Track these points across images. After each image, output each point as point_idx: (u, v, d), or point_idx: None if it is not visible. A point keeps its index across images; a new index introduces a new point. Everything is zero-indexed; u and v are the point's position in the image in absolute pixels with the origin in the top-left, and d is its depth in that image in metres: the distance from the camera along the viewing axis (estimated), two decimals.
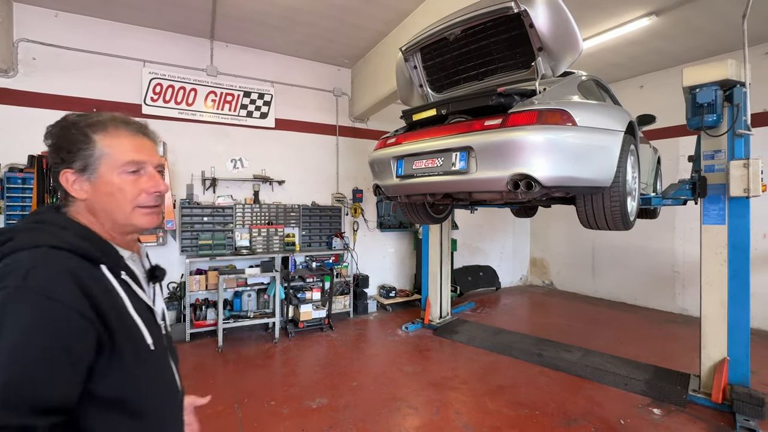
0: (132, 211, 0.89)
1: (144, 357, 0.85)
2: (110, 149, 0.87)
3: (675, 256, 6.33)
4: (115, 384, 0.79)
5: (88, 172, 0.86)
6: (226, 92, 5.59)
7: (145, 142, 0.94)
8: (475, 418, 3.15)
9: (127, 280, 0.87)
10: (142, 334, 0.86)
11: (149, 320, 0.90)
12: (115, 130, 0.89)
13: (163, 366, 0.95)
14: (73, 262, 0.77)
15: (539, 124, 2.30)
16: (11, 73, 4.46)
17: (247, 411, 3.23)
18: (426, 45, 3.15)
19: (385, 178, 3.13)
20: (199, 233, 5.22)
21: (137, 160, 0.90)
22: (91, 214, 0.88)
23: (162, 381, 0.93)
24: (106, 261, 0.83)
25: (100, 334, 0.75)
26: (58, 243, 0.77)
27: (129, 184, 0.89)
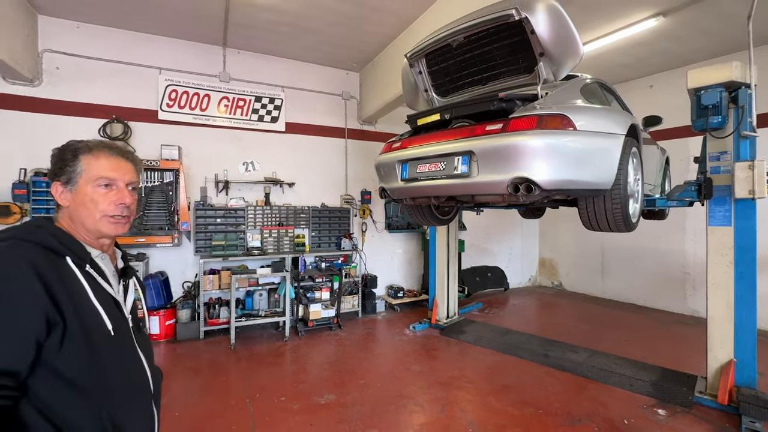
0: (99, 219, 1.06)
1: (102, 340, 0.97)
2: (88, 167, 1.05)
3: (685, 257, 6.27)
4: (69, 362, 0.90)
5: (70, 185, 1.05)
6: (239, 97, 5.75)
7: (122, 164, 1.11)
8: (480, 416, 3.22)
9: (91, 272, 1.02)
10: (102, 319, 0.99)
11: (112, 309, 1.03)
12: (98, 152, 1.07)
13: (124, 350, 1.06)
14: (36, 253, 0.92)
15: (539, 128, 2.36)
16: (36, 83, 4.69)
17: (259, 406, 3.35)
18: (430, 51, 3.23)
19: (391, 181, 3.22)
20: (213, 234, 5.40)
21: (108, 176, 1.07)
22: (71, 219, 1.06)
23: (123, 363, 1.04)
24: (71, 255, 0.98)
25: (50, 314, 0.87)
26: (28, 237, 0.94)
27: (100, 195, 1.06)
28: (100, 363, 0.96)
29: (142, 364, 1.11)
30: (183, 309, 5.13)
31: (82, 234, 1.06)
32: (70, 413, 0.90)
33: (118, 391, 1.00)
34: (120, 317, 1.07)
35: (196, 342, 4.93)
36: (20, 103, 4.62)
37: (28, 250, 0.92)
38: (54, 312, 0.88)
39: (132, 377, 1.08)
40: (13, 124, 4.58)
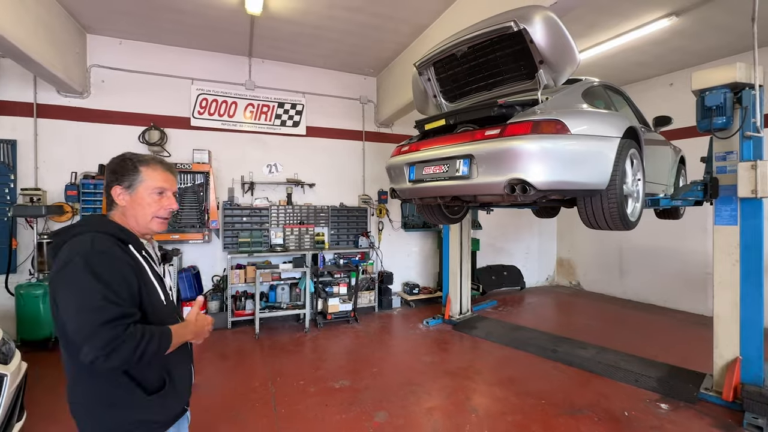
0: (151, 219, 1.35)
1: (159, 305, 1.29)
2: (147, 177, 1.34)
3: (707, 257, 6.14)
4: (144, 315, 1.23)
5: (130, 189, 1.32)
6: (263, 104, 6.14)
7: (170, 176, 1.40)
8: (483, 403, 3.41)
9: (146, 255, 1.33)
10: (158, 292, 1.31)
11: (162, 284, 1.35)
12: (153, 165, 1.36)
13: (171, 315, 1.36)
14: (113, 240, 1.22)
15: (534, 133, 2.54)
16: (85, 95, 5.22)
17: (280, 388, 3.67)
18: (437, 60, 3.44)
19: (400, 182, 3.46)
20: (239, 232, 5.81)
21: (163, 186, 1.36)
22: (124, 216, 1.33)
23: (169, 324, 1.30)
24: (132, 243, 1.28)
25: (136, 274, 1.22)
26: (103, 229, 1.24)
27: (155, 201, 1.35)
28: (158, 323, 1.25)
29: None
30: (212, 300, 5.56)
31: (132, 228, 1.35)
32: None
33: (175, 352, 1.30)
34: (166, 291, 1.38)
35: (224, 331, 5.34)
36: (72, 113, 5.17)
37: (109, 237, 1.22)
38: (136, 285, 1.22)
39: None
40: (66, 132, 5.13)
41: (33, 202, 4.74)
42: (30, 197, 4.75)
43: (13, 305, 4.55)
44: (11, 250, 4.65)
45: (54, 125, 5.07)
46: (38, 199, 4.80)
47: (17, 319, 4.47)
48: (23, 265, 4.84)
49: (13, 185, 4.83)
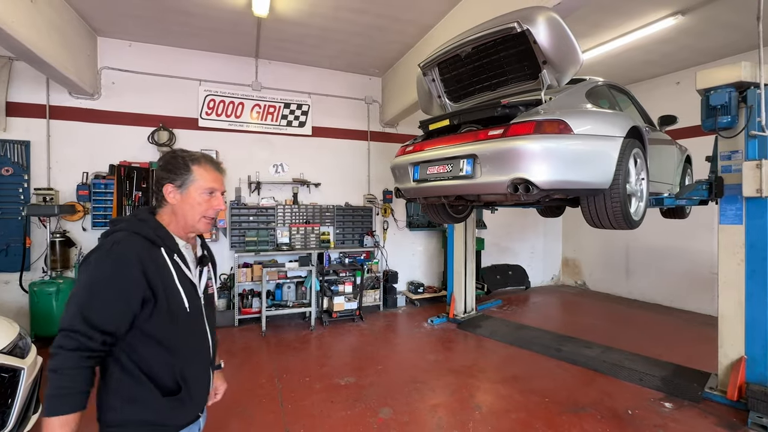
0: (199, 219, 1.34)
1: (180, 314, 1.25)
2: (199, 177, 1.33)
3: (714, 257, 6.08)
4: (156, 327, 1.20)
5: (182, 188, 1.31)
6: (269, 104, 6.21)
7: (220, 176, 1.39)
8: (487, 400, 3.44)
9: (177, 260, 1.28)
10: (182, 299, 1.26)
11: (190, 291, 1.30)
12: (205, 165, 1.35)
13: (196, 323, 1.34)
14: (141, 244, 1.20)
15: (536, 133, 2.56)
16: (96, 96, 5.33)
17: (286, 384, 3.74)
18: (442, 61, 3.48)
19: (404, 182, 3.50)
20: (246, 231, 5.89)
21: (213, 187, 1.35)
22: (173, 214, 1.32)
23: (193, 333, 1.33)
24: (164, 245, 1.25)
25: (145, 295, 1.17)
26: (136, 229, 1.23)
27: (204, 201, 1.33)
28: (177, 331, 1.26)
29: (207, 336, 1.40)
30: (220, 298, 5.64)
31: (177, 227, 1.33)
32: (153, 363, 1.22)
33: (187, 353, 1.30)
34: (195, 297, 1.34)
35: (231, 329, 5.43)
36: (83, 114, 5.27)
37: (136, 242, 1.20)
38: (149, 293, 1.18)
39: (198, 344, 1.36)
40: (77, 133, 5.23)
41: (46, 202, 4.86)
42: (43, 197, 4.87)
43: (27, 302, 4.67)
44: (25, 248, 4.77)
45: (66, 126, 5.19)
46: (51, 198, 4.91)
47: (31, 315, 4.58)
48: (37, 263, 4.96)
49: (26, 185, 4.95)
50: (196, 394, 1.33)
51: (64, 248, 4.94)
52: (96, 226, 5.18)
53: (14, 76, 4.94)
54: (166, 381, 1.24)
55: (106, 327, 1.12)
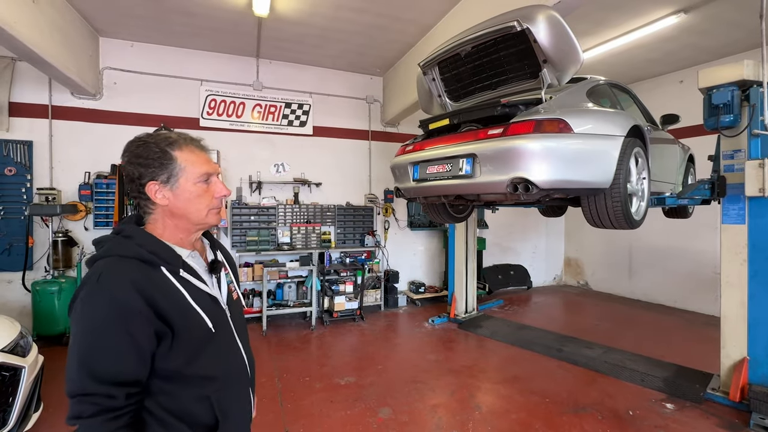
0: (207, 213, 1.09)
1: (205, 338, 1.02)
2: (187, 163, 1.05)
3: (717, 257, 6.02)
4: (179, 361, 0.98)
5: (170, 183, 1.04)
6: (270, 104, 6.22)
7: (206, 155, 1.13)
8: (487, 401, 3.43)
9: (185, 276, 1.03)
10: (203, 320, 1.02)
11: (210, 307, 1.06)
12: (187, 146, 1.07)
13: (225, 341, 1.11)
14: (135, 269, 0.95)
15: (536, 132, 2.55)
16: (98, 96, 5.35)
17: (286, 383, 3.74)
18: (442, 60, 3.47)
19: (404, 181, 3.49)
20: (247, 230, 5.90)
21: (208, 171, 1.09)
22: (170, 217, 1.06)
23: (224, 356, 1.10)
24: (165, 264, 1.00)
25: (158, 328, 0.94)
26: (124, 252, 0.98)
27: (204, 190, 1.08)
28: (204, 358, 1.02)
29: (241, 354, 1.16)
30: None
31: (177, 232, 1.08)
32: (185, 402, 0.99)
33: (221, 381, 1.06)
34: (218, 312, 1.10)
35: None
36: (85, 114, 5.30)
37: (128, 269, 0.95)
38: (161, 325, 0.94)
39: (232, 367, 1.13)
40: (79, 133, 5.26)
41: (48, 202, 4.88)
42: (45, 196, 4.89)
43: (29, 301, 4.71)
44: (28, 247, 4.80)
45: (68, 126, 5.21)
46: (53, 198, 4.93)
47: (33, 314, 4.62)
48: (39, 263, 4.99)
49: (29, 185, 4.98)
50: (238, 422, 1.13)
51: (66, 248, 4.97)
52: (98, 225, 5.20)
53: (17, 76, 4.97)
54: (203, 418, 1.02)
55: (123, 377, 0.90)
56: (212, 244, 1.26)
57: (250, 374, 1.21)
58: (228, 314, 1.15)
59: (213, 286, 1.14)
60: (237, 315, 1.21)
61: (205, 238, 1.25)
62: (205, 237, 1.25)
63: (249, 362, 1.21)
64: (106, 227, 5.19)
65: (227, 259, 1.29)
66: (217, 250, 1.26)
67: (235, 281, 1.28)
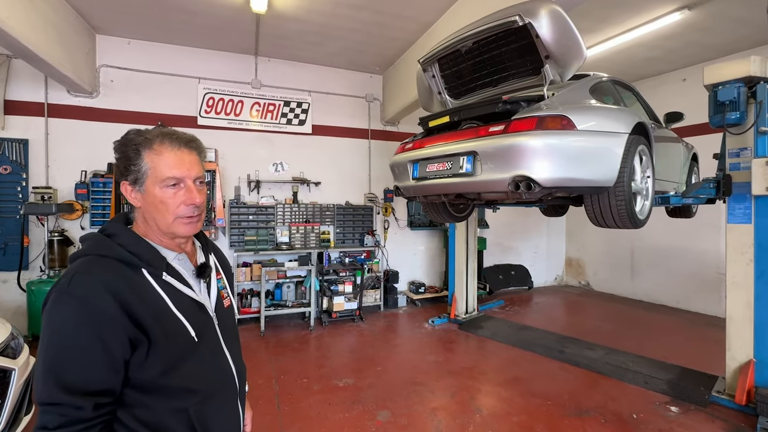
0: (173, 221, 0.99)
1: (186, 346, 0.95)
2: (152, 164, 0.97)
3: (720, 257, 5.99)
4: (156, 371, 0.91)
5: (138, 185, 0.98)
6: (269, 102, 6.16)
7: (186, 156, 1.01)
8: (488, 403, 3.37)
9: (168, 280, 0.97)
10: (184, 327, 0.95)
11: (194, 313, 1.00)
12: (159, 146, 0.98)
13: (209, 353, 1.03)
14: (112, 269, 0.90)
15: (538, 129, 2.49)
16: (94, 94, 5.29)
17: (283, 385, 3.68)
18: (442, 56, 3.40)
19: (404, 180, 3.43)
20: (245, 230, 5.84)
21: (175, 176, 0.98)
22: (145, 219, 1.01)
23: (208, 366, 1.02)
24: (146, 266, 0.94)
25: (132, 335, 0.87)
26: (103, 251, 0.92)
27: (169, 197, 0.98)
28: (185, 368, 0.95)
29: (228, 364, 1.09)
30: None
31: (157, 235, 1.02)
32: (163, 415, 0.93)
33: (203, 393, 0.99)
34: (204, 319, 1.03)
35: None
36: (82, 113, 5.24)
37: (104, 270, 0.90)
38: (136, 332, 0.87)
39: (217, 378, 1.05)
40: (76, 131, 5.20)
41: (44, 201, 4.83)
42: (41, 195, 4.84)
43: (24, 301, 4.65)
44: (23, 247, 4.75)
45: (64, 125, 5.15)
46: (49, 197, 4.88)
47: (28, 314, 4.56)
48: (35, 262, 4.94)
49: (25, 183, 4.92)
50: None
51: (62, 247, 4.91)
52: (94, 225, 5.14)
53: (13, 74, 4.91)
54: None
55: (92, 387, 0.83)
56: (205, 246, 1.19)
57: (238, 387, 1.12)
58: (215, 322, 1.08)
59: (201, 291, 1.07)
60: (227, 323, 1.13)
61: (198, 240, 1.18)
62: (197, 238, 1.18)
63: (238, 374, 1.12)
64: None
65: (221, 262, 1.22)
66: (210, 253, 1.18)
67: (229, 287, 1.21)
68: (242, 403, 1.16)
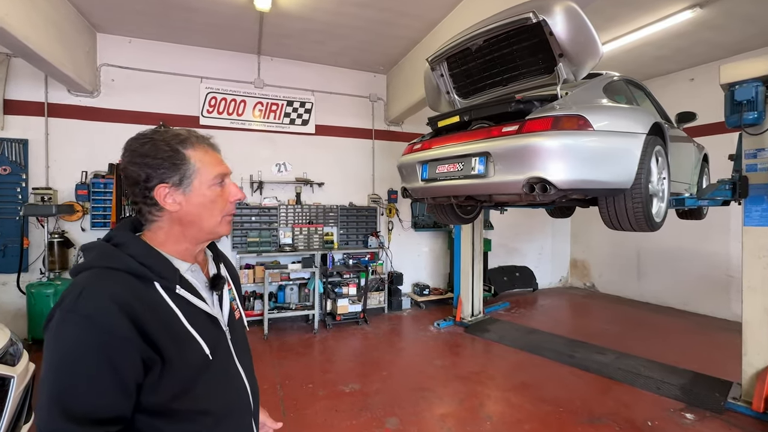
0: (221, 220, 0.97)
1: (200, 366, 0.88)
2: (201, 164, 0.93)
3: (730, 259, 5.93)
4: (169, 394, 0.84)
5: (183, 186, 0.91)
6: (272, 102, 6.08)
7: (218, 155, 1.00)
8: (498, 410, 3.29)
9: (181, 293, 0.90)
10: (199, 345, 0.89)
11: (208, 329, 0.93)
12: (200, 145, 0.96)
13: (224, 369, 0.97)
14: (122, 283, 0.82)
15: (554, 129, 2.41)
16: (95, 94, 5.22)
17: (288, 391, 3.60)
18: (451, 55, 3.32)
19: (412, 181, 3.35)
20: (248, 231, 5.76)
21: (223, 173, 0.97)
22: (178, 224, 0.93)
23: (222, 383, 0.96)
24: (159, 279, 0.87)
25: (146, 354, 0.79)
26: (111, 264, 0.84)
27: (218, 195, 0.96)
28: (198, 389, 0.88)
29: (243, 383, 1.02)
30: None
31: (181, 243, 0.95)
32: None
33: (217, 415, 0.92)
34: (217, 335, 0.97)
35: None
36: (82, 112, 5.17)
37: (113, 284, 0.82)
38: (150, 352, 0.80)
39: (231, 399, 0.98)
40: (76, 131, 5.12)
41: (44, 202, 4.75)
42: (41, 196, 4.77)
43: (24, 304, 4.57)
44: (23, 249, 4.67)
45: (65, 125, 5.08)
46: (49, 198, 4.80)
47: (28, 317, 4.48)
48: (34, 265, 4.86)
49: (24, 184, 4.84)
50: None
51: (62, 249, 4.84)
52: (95, 226, 5.07)
53: (12, 73, 4.84)
54: None
55: (102, 414, 0.76)
56: (215, 255, 1.12)
57: (253, 406, 1.04)
58: (228, 336, 1.01)
59: (213, 304, 1.00)
60: (239, 337, 1.06)
61: (209, 250, 1.11)
62: (208, 247, 1.10)
63: (252, 392, 1.05)
64: (103, 228, 5.06)
65: (230, 272, 1.14)
66: (221, 263, 1.11)
67: (238, 298, 1.14)
68: (256, 423, 1.08)
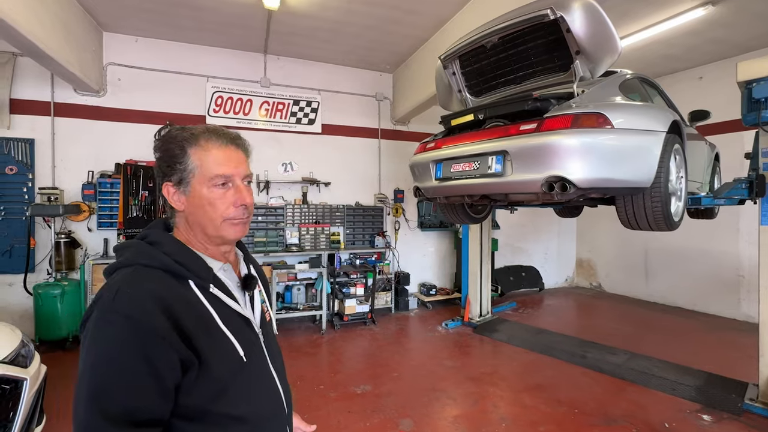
0: (221, 224, 0.90)
1: (235, 368, 0.86)
2: (200, 162, 0.89)
3: (740, 259, 5.89)
4: (204, 397, 0.81)
5: (182, 185, 0.89)
6: (278, 101, 6.05)
7: (234, 153, 0.94)
8: (512, 412, 3.26)
9: (215, 293, 0.88)
10: (234, 347, 0.86)
11: (242, 330, 0.90)
12: (206, 142, 0.91)
13: (258, 372, 0.94)
14: (160, 281, 0.81)
15: (574, 127, 2.37)
16: (101, 93, 5.18)
17: (300, 392, 3.57)
18: (464, 53, 3.29)
19: (425, 180, 3.31)
20: (254, 231, 5.73)
21: (224, 174, 0.90)
22: (188, 225, 0.92)
23: (257, 387, 0.92)
24: (194, 277, 0.85)
25: (184, 355, 0.77)
26: (149, 262, 0.83)
27: (218, 197, 0.90)
28: (232, 393, 0.85)
29: (277, 387, 0.98)
30: None
31: (202, 243, 0.93)
32: None
33: (252, 422, 0.89)
34: (250, 338, 0.93)
35: None
36: (88, 112, 5.13)
37: (151, 282, 0.80)
38: (188, 353, 0.78)
39: (266, 403, 0.95)
40: (83, 131, 5.09)
41: (50, 202, 4.72)
42: (48, 196, 4.73)
43: (31, 305, 4.55)
44: (29, 249, 4.64)
45: (71, 124, 5.04)
46: (56, 198, 4.77)
47: (35, 318, 4.45)
48: (41, 265, 4.83)
49: (31, 184, 4.81)
50: None
51: (69, 249, 4.81)
52: (102, 226, 5.03)
53: (18, 72, 4.81)
54: None
55: (141, 416, 0.73)
56: (246, 255, 1.09)
57: (287, 410, 1.01)
58: (261, 339, 0.98)
59: (246, 305, 0.97)
60: (270, 339, 1.03)
61: (239, 250, 1.07)
62: (238, 247, 1.07)
63: (285, 396, 1.01)
64: (110, 228, 5.02)
65: (259, 273, 1.11)
66: (250, 264, 1.08)
67: (268, 300, 1.10)
68: (290, 427, 1.04)
